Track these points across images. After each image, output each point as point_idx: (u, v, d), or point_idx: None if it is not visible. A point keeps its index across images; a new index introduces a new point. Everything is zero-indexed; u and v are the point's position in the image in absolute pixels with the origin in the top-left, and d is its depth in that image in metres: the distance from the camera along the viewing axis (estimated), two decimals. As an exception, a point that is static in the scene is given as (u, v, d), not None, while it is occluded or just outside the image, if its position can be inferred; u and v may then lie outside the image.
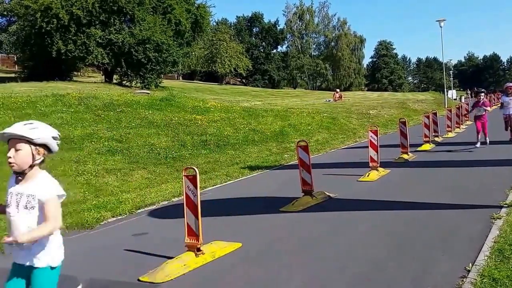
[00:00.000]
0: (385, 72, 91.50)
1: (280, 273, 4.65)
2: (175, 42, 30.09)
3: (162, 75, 31.87)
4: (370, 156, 9.72)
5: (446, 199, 7.11)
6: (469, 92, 61.26)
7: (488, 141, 13.02)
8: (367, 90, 76.57)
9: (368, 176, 9.44)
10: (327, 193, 7.95)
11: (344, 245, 5.37)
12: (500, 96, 49.74)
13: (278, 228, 6.35)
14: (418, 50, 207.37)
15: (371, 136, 9.78)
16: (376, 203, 7.34)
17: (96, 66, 35.19)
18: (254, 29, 74.52)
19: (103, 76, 32.91)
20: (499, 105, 14.59)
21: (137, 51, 26.93)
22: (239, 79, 71.10)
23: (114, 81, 30.23)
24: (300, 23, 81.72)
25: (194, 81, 57.35)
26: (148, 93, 21.78)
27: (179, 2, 31.30)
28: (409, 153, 11.91)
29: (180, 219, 5.33)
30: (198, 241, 4.96)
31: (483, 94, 13.97)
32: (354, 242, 5.46)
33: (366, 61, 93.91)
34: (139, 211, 7.91)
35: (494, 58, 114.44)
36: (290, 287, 4.34)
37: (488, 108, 13.30)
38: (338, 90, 39.59)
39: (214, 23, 63.01)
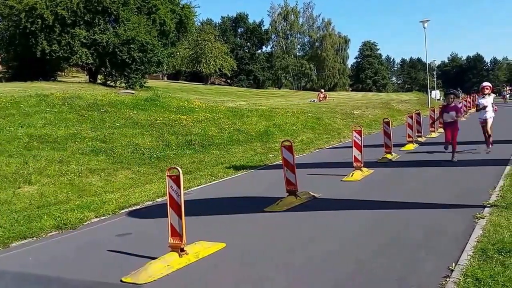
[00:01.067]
0: (369, 72, 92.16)
1: (264, 273, 4.65)
2: (160, 42, 30.02)
3: (146, 75, 31.77)
4: (354, 156, 9.77)
5: (430, 199, 7.17)
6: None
7: (455, 159, 10.63)
8: (352, 91, 77.03)
9: (352, 176, 9.49)
10: (312, 193, 7.97)
11: (328, 245, 5.38)
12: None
13: (262, 228, 6.35)
14: (402, 50, 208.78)
15: (355, 136, 9.83)
16: (360, 203, 7.38)
17: (80, 66, 34.93)
18: (239, 30, 74.49)
19: (88, 76, 32.74)
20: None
21: (121, 51, 26.83)
22: (224, 79, 71.03)
23: (99, 81, 30.07)
24: (285, 24, 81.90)
25: (179, 81, 57.12)
26: (132, 93, 21.68)
27: (164, 2, 31.24)
28: (392, 153, 12.00)
29: (164, 219, 5.31)
30: (182, 242, 4.94)
31: (452, 95, 11.30)
32: (338, 242, 5.49)
33: (350, 61, 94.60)
34: (122, 211, 7.86)
35: (478, 58, 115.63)
36: None
37: (461, 117, 11.52)
38: (322, 90, 39.74)
39: (199, 23, 62.76)
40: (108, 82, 28.52)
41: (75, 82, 28.47)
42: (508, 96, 41.61)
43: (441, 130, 17.68)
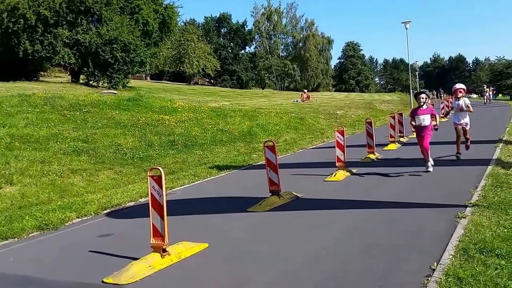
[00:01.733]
0: (352, 73, 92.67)
1: (246, 273, 4.64)
2: (143, 42, 29.88)
3: (129, 75, 31.61)
4: (337, 156, 9.81)
5: (412, 199, 7.23)
6: (435, 93, 62.69)
7: (430, 167, 9.34)
8: (335, 91, 77.40)
9: (334, 176, 9.53)
10: (295, 193, 7.99)
11: (311, 245, 5.39)
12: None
13: (245, 228, 6.35)
14: (385, 51, 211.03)
15: (337, 136, 9.87)
16: (343, 203, 7.41)
17: (63, 66, 34.64)
18: (222, 30, 74.34)
19: (70, 76, 32.45)
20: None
21: (104, 51, 26.65)
22: (208, 80, 70.82)
23: (81, 81, 29.80)
24: (268, 24, 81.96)
25: (162, 81, 56.82)
26: (115, 93, 21.51)
27: (147, 2, 31.07)
28: (375, 153, 12.10)
29: (146, 219, 5.26)
30: (164, 242, 4.91)
31: (424, 96, 9.36)
32: (321, 242, 5.50)
33: (333, 62, 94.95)
34: (104, 211, 7.80)
35: (460, 59, 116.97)
36: None
37: (436, 123, 9.37)
38: (305, 90, 39.86)
39: (182, 24, 62.59)
40: (91, 82, 28.28)
41: (57, 82, 28.18)
42: (491, 96, 41.86)
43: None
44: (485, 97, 40.21)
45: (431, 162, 9.35)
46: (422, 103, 9.26)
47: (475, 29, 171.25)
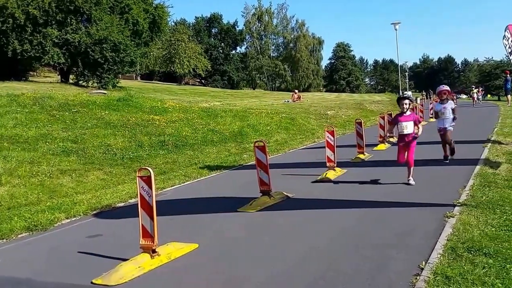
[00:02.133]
0: (343, 73, 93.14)
1: (237, 274, 4.63)
2: (133, 42, 29.82)
3: (119, 75, 31.49)
4: (327, 156, 9.85)
5: (401, 198, 7.27)
6: (424, 93, 63.12)
7: (412, 180, 8.24)
8: (326, 91, 77.76)
9: (325, 175, 9.55)
10: (285, 193, 7.99)
11: (301, 245, 5.40)
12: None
13: (235, 229, 6.34)
14: (375, 52, 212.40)
15: (327, 136, 9.90)
16: (333, 202, 7.44)
17: (52, 66, 34.44)
18: (213, 30, 74.35)
19: (59, 76, 32.26)
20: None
21: (94, 51, 26.55)
22: (198, 80, 70.78)
23: (71, 81, 29.66)
24: (259, 24, 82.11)
25: (153, 82, 56.63)
26: (104, 93, 21.42)
27: (137, 2, 31.03)
28: (365, 153, 12.15)
29: (136, 220, 5.24)
30: (153, 243, 4.88)
31: (407, 101, 8.45)
32: (311, 242, 5.50)
33: (324, 62, 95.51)
34: (94, 212, 7.74)
35: (449, 60, 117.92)
36: None
37: (417, 130, 8.17)
38: (296, 91, 39.95)
39: (173, 23, 62.48)
40: (80, 82, 28.14)
41: (46, 82, 28.02)
42: (480, 97, 41.87)
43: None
44: (473, 98, 39.64)
45: (410, 181, 8.22)
46: (405, 109, 8.37)
47: (464, 30, 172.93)
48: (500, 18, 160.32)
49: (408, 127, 8.23)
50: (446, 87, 10.63)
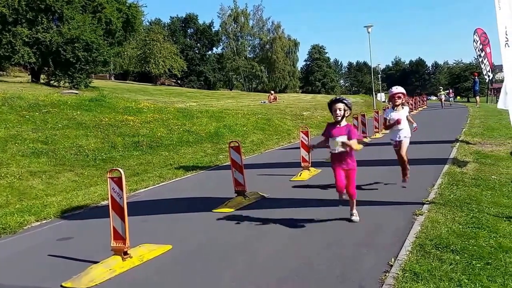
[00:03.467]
0: (318, 75, 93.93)
1: (210, 275, 4.61)
2: (106, 42, 29.49)
3: (92, 75, 31.11)
4: (302, 156, 9.92)
5: (373, 197, 7.35)
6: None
7: (356, 216, 6.06)
8: (302, 93, 78.16)
9: (300, 175, 9.61)
10: (260, 193, 8.01)
11: (275, 244, 5.41)
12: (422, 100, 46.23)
13: (210, 229, 6.31)
14: (349, 54, 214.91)
15: (302, 137, 9.99)
16: (307, 202, 7.48)
17: (22, 66, 33.74)
18: (188, 30, 73.94)
19: (30, 76, 31.63)
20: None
21: (65, 50, 26.14)
22: (174, 80, 70.30)
23: (42, 81, 29.14)
24: (235, 25, 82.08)
25: (127, 82, 56.02)
26: (76, 93, 21.10)
27: (110, 1, 30.75)
28: (339, 153, 12.23)
29: (108, 222, 5.16)
30: (125, 245, 4.82)
31: (341, 105, 5.86)
32: (284, 240, 5.52)
33: (300, 64, 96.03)
34: (65, 215, 7.62)
35: (420, 63, 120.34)
36: (220, 288, 4.32)
37: (354, 147, 5.73)
38: (273, 92, 40.11)
39: (147, 23, 62.02)
40: (52, 82, 27.67)
41: (17, 82, 27.44)
42: (451, 99, 42.41)
43: (385, 131, 15.62)
44: (441, 100, 38.46)
45: (353, 217, 6.10)
46: (338, 117, 5.78)
47: (435, 34, 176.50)
48: (468, 21, 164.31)
49: (343, 140, 5.71)
50: (401, 89, 7.77)
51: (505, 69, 7.70)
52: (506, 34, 7.57)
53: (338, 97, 6.00)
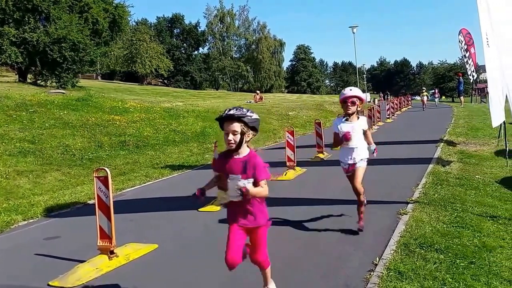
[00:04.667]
0: (303, 75, 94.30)
1: (196, 274, 4.65)
2: (93, 42, 29.37)
3: (79, 75, 30.93)
4: (288, 155, 10.00)
5: (357, 196, 7.45)
6: (382, 94, 64.55)
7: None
8: (287, 92, 78.42)
9: (285, 175, 9.69)
10: (246, 192, 8.03)
11: (260, 242, 5.46)
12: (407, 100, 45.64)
13: (196, 228, 6.35)
14: (334, 54, 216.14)
15: (287, 136, 10.07)
16: (292, 201, 7.55)
17: (9, 65, 33.44)
18: (175, 30, 73.80)
19: (17, 76, 31.38)
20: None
21: (52, 50, 26.00)
22: (161, 80, 70.08)
23: (29, 80, 28.95)
24: (221, 26, 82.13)
25: (114, 81, 55.69)
26: (63, 93, 20.98)
27: (97, 1, 30.67)
28: (324, 152, 12.36)
29: (94, 221, 5.19)
30: (111, 244, 4.85)
31: (237, 125, 3.38)
32: (270, 240, 5.54)
33: (286, 64, 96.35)
34: (52, 214, 7.59)
35: (404, 63, 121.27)
36: None
37: (260, 191, 3.51)
38: (258, 91, 40.23)
39: (134, 23, 61.74)
40: (39, 81, 27.50)
41: (3, 82, 27.14)
42: (437, 99, 42.40)
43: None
44: (423, 101, 34.51)
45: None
46: (231, 144, 3.47)
47: (418, 32, 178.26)
48: (454, 22, 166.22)
49: (239, 184, 3.45)
50: (357, 92, 5.63)
51: (487, 68, 7.88)
52: (487, 35, 7.75)
53: (230, 110, 3.40)
